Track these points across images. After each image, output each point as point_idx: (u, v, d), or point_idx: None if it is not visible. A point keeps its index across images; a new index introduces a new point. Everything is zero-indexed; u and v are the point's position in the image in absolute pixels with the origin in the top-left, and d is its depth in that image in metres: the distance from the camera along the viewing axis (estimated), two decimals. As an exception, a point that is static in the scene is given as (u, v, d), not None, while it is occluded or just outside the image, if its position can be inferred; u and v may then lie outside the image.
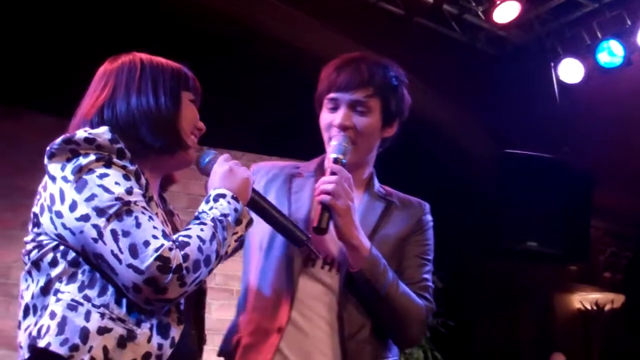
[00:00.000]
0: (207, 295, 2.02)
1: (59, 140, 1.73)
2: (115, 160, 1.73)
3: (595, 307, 7.89)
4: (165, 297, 1.65)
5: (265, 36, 5.49)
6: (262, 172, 2.35)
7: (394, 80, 2.25)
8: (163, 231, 1.68)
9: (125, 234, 1.64)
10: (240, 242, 1.96)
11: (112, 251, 1.64)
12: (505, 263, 6.58)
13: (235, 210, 1.85)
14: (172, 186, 2.12)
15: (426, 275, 2.27)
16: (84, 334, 1.65)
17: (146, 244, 1.64)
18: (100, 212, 1.65)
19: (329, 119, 2.22)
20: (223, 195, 1.86)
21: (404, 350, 2.35)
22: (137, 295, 1.65)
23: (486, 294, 6.89)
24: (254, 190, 2.00)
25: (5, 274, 5.18)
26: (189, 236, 1.71)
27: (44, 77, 5.00)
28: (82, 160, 1.70)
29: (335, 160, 2.14)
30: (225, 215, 1.81)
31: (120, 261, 1.63)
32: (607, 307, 7.91)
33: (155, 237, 1.65)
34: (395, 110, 2.25)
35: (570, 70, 5.54)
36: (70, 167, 1.71)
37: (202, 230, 1.74)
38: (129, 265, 1.63)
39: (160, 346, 1.73)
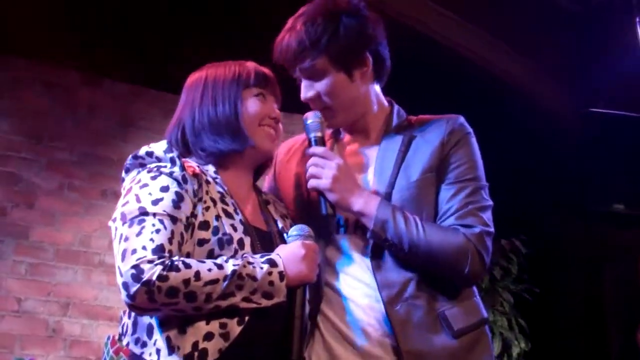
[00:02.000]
0: None
1: (129, 157, 2.00)
2: (162, 169, 1.93)
3: (685, 273, 7.64)
4: (134, 304, 1.77)
5: None
6: (281, 153, 2.35)
7: (327, 27, 2.10)
8: (160, 245, 1.79)
9: (126, 239, 1.82)
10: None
11: (117, 251, 1.82)
12: (590, 226, 6.39)
13: (271, 283, 1.86)
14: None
15: (470, 198, 2.10)
16: (149, 330, 1.86)
17: (133, 251, 1.78)
18: (122, 217, 1.86)
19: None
20: (275, 265, 1.88)
21: (469, 286, 2.15)
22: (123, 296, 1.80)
23: (571, 258, 6.71)
24: (305, 287, 1.98)
25: (86, 242, 5.24)
26: (189, 265, 1.79)
27: (123, 44, 5.00)
28: (139, 173, 1.95)
29: (315, 141, 2.12)
30: (253, 279, 1.83)
31: (117, 261, 1.81)
32: (699, 273, 7.64)
33: (144, 247, 1.78)
34: (348, 52, 2.12)
35: (657, 26, 5.29)
36: (133, 178, 1.96)
37: (209, 270, 1.81)
38: (118, 267, 1.79)
39: (223, 325, 1.84)
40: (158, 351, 1.83)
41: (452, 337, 2.04)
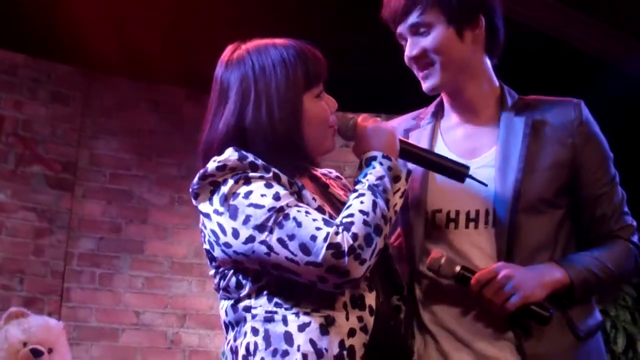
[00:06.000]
0: None
1: (196, 179, 1.79)
2: (251, 174, 1.76)
3: None
4: (350, 278, 1.69)
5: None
6: None
7: None
8: (324, 219, 1.72)
9: (291, 237, 1.69)
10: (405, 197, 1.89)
11: (286, 257, 1.69)
12: None
13: (389, 168, 1.81)
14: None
15: (617, 198, 2.03)
16: (288, 337, 1.74)
17: (313, 238, 1.68)
18: (261, 228, 1.71)
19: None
20: (374, 158, 1.83)
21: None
22: (325, 285, 1.71)
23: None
24: (400, 140, 1.92)
25: (199, 254, 5.31)
26: (351, 214, 1.73)
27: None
28: (224, 189, 1.75)
29: (462, 278, 1.91)
30: (380, 178, 1.79)
31: (297, 263, 1.69)
32: None
33: (318, 228, 1.69)
34: (461, 6, 1.97)
35: None
36: (216, 199, 1.76)
37: (362, 202, 1.75)
38: (307, 263, 1.68)
39: (360, 318, 1.77)
40: (305, 356, 1.72)
41: (577, 339, 1.95)
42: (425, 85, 2.05)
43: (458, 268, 1.91)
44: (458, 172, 1.93)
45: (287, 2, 4.74)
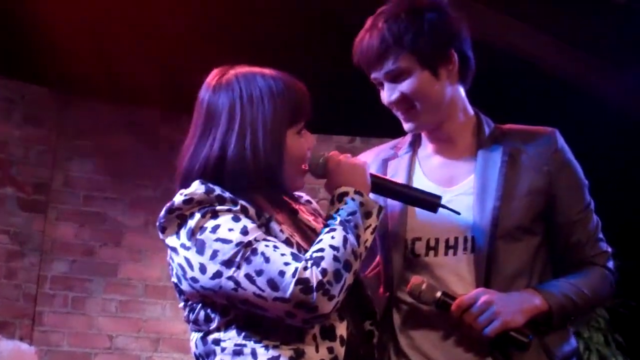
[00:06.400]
0: None
1: (163, 212, 1.77)
2: (218, 208, 1.74)
3: None
4: (319, 314, 1.68)
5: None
6: None
7: (410, 23, 1.98)
8: (292, 253, 1.71)
9: (259, 273, 1.67)
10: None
11: (254, 293, 1.68)
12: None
13: (361, 204, 1.80)
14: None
15: (591, 225, 2.06)
16: None
17: (281, 273, 1.67)
18: (228, 264, 1.69)
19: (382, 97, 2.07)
20: (346, 193, 1.82)
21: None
22: (293, 320, 1.69)
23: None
24: (371, 174, 1.93)
25: (174, 278, 5.30)
26: (321, 249, 1.72)
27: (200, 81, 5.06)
28: (191, 223, 1.73)
29: (443, 304, 1.92)
30: (352, 214, 1.79)
31: (265, 299, 1.67)
32: None
33: (286, 263, 1.68)
34: (433, 49, 1.99)
35: None
36: (183, 233, 1.74)
37: (332, 237, 1.74)
38: (275, 299, 1.66)
39: (330, 349, 1.76)
40: None
41: None
42: (407, 126, 2.08)
43: (439, 294, 1.91)
44: (430, 202, 1.95)
45: (267, 28, 4.76)
